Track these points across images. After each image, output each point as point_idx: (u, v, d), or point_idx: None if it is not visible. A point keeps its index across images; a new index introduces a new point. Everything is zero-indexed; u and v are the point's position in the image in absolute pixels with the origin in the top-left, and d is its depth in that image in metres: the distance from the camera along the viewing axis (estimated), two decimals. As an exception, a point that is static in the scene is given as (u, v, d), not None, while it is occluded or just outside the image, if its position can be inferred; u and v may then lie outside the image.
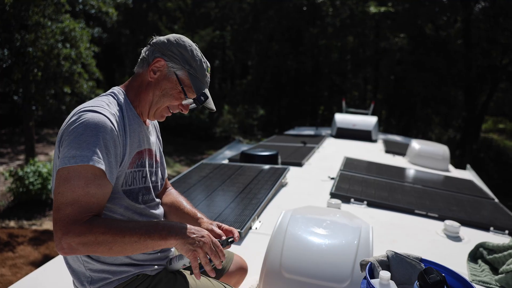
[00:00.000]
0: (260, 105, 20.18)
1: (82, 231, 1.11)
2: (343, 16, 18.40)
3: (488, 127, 21.95)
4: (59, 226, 1.11)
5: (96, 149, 1.17)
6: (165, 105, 1.41)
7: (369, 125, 6.94)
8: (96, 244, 1.12)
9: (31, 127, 8.79)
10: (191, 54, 1.39)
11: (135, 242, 1.16)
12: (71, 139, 1.18)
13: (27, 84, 8.20)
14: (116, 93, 1.39)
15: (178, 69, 1.37)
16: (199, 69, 1.40)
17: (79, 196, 1.15)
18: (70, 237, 1.10)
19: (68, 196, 1.14)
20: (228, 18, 20.75)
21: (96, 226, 1.13)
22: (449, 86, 17.32)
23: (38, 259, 6.04)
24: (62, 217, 1.12)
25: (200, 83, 1.39)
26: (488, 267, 2.19)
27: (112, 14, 9.64)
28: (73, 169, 1.15)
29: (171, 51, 1.37)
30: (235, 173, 3.65)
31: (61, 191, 1.15)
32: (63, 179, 1.16)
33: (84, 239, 1.11)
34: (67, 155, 1.16)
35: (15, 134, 13.23)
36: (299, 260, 1.61)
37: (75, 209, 1.14)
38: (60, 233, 1.11)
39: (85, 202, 1.15)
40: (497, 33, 14.89)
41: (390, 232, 2.68)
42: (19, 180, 7.70)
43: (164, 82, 1.37)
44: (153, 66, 1.37)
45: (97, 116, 1.21)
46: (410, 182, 4.06)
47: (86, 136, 1.17)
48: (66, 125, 1.23)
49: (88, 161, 1.15)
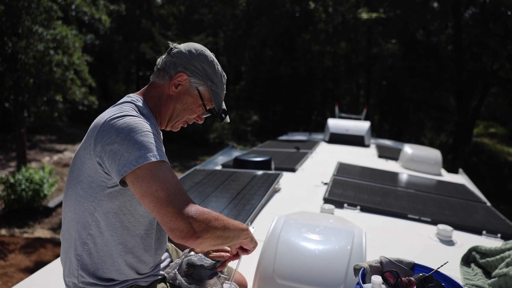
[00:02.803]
0: (254, 110, 20.22)
1: (205, 212, 1.16)
2: (336, 22, 18.56)
3: (479, 131, 22.14)
4: (186, 213, 1.12)
5: (153, 145, 1.19)
6: (184, 118, 1.43)
7: (362, 130, 6.97)
8: (217, 227, 1.18)
9: (23, 134, 8.72)
10: (213, 69, 1.39)
11: (235, 227, 1.28)
12: (125, 146, 1.16)
13: (19, 91, 8.15)
14: (136, 102, 1.35)
15: (200, 84, 1.38)
16: (220, 84, 1.42)
17: (177, 183, 1.17)
18: (199, 215, 1.14)
19: (169, 187, 1.14)
20: (221, 24, 20.82)
21: (207, 210, 1.18)
22: (440, 91, 17.50)
23: (30, 267, 5.97)
24: (182, 204, 1.13)
25: (220, 98, 1.42)
26: (481, 271, 2.20)
27: (105, 21, 9.63)
28: (151, 166, 1.15)
29: (194, 66, 1.37)
30: (228, 179, 3.64)
31: (158, 187, 1.13)
32: (151, 177, 1.14)
33: (208, 216, 1.16)
34: (133, 157, 1.15)
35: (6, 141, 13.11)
36: (292, 265, 1.60)
37: (183, 194, 1.16)
38: (190, 219, 1.11)
39: (182, 187, 1.18)
40: (487, 38, 15.09)
41: (383, 237, 2.68)
42: (11, 187, 7.62)
43: (185, 96, 1.38)
44: (175, 80, 1.36)
45: (134, 119, 1.22)
46: (403, 186, 4.07)
47: (138, 136, 1.18)
48: (103, 135, 1.20)
49: (156, 156, 1.17)
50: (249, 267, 1.75)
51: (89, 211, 1.27)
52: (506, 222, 3.25)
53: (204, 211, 1.16)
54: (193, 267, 1.46)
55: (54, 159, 11.87)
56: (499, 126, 22.51)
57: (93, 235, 1.29)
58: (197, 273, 1.45)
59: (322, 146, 6.49)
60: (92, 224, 1.28)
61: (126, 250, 1.31)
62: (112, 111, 1.27)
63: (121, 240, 1.30)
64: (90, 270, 1.30)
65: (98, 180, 1.24)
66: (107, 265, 1.30)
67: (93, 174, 1.24)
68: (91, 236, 1.29)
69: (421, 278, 1.22)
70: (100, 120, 1.25)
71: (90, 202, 1.26)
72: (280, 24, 18.63)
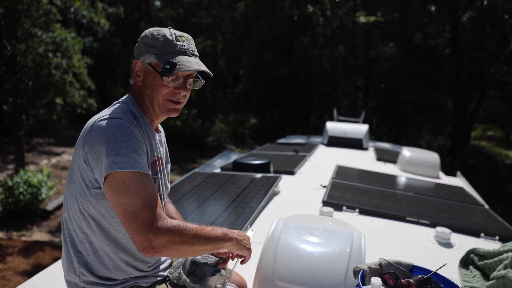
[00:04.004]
0: (252, 113, 20.22)
1: (169, 228, 1.18)
2: (334, 25, 18.61)
3: (477, 134, 22.20)
4: (146, 230, 1.15)
5: (134, 153, 1.20)
6: (160, 98, 1.36)
7: (360, 133, 6.98)
8: (182, 242, 1.20)
9: (21, 137, 8.70)
10: (152, 36, 1.34)
11: (208, 241, 1.26)
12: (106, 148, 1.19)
13: (17, 94, 8.14)
14: (127, 102, 1.39)
15: (147, 58, 1.34)
16: (166, 44, 1.33)
17: (146, 198, 1.18)
18: (161, 236, 1.16)
19: (137, 202, 1.17)
20: (220, 27, 20.85)
21: (179, 225, 1.20)
22: (438, 93, 17.54)
23: (28, 270, 5.95)
24: (145, 221, 1.16)
25: (169, 55, 1.32)
26: (479, 273, 2.21)
27: (104, 25, 9.64)
28: (126, 176, 1.18)
29: (138, 47, 1.37)
30: (227, 182, 3.65)
31: (128, 201, 1.17)
32: (122, 189, 1.18)
33: (173, 237, 1.17)
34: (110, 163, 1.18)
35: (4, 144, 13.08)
36: (292, 268, 1.61)
37: (150, 210, 1.17)
38: (150, 235, 1.15)
39: (153, 201, 1.19)
40: (485, 42, 15.15)
41: (382, 239, 2.69)
42: (9, 190, 7.60)
43: (147, 78, 1.36)
44: (135, 71, 1.38)
45: (122, 122, 1.24)
46: (401, 189, 4.08)
47: (120, 142, 1.20)
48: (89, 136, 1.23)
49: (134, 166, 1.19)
50: (249, 269, 1.76)
51: (81, 210, 1.30)
52: (504, 224, 3.27)
53: (169, 228, 1.18)
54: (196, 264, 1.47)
55: (52, 162, 11.85)
56: (497, 128, 22.58)
57: (87, 234, 1.31)
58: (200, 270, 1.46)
59: (321, 149, 6.50)
60: (84, 224, 1.30)
61: (119, 248, 1.33)
62: (103, 112, 1.31)
63: (113, 239, 1.32)
64: (90, 269, 1.31)
65: (87, 180, 1.27)
66: (105, 263, 1.32)
67: (83, 174, 1.27)
68: (85, 235, 1.31)
69: (420, 280, 1.23)
70: (90, 121, 1.28)
71: (81, 202, 1.29)
72: (278, 27, 18.67)
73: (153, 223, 1.16)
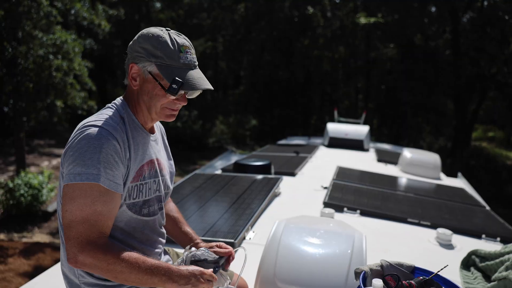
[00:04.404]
0: (253, 115, 20.24)
1: (97, 255, 1.16)
2: (334, 27, 18.63)
3: (478, 135, 22.19)
4: (74, 244, 1.16)
5: (100, 166, 1.19)
6: (159, 106, 1.34)
7: (361, 134, 6.98)
8: (105, 270, 1.18)
9: (21, 139, 8.71)
10: (153, 43, 1.28)
11: (138, 279, 1.21)
12: (75, 156, 1.19)
13: (18, 96, 8.15)
14: (118, 105, 1.37)
15: (148, 66, 1.29)
16: (168, 54, 1.28)
17: (88, 214, 1.18)
18: (84, 256, 1.16)
19: (77, 214, 1.17)
20: (220, 29, 20.89)
21: (110, 254, 1.17)
22: (438, 95, 17.55)
23: (29, 272, 5.94)
24: (76, 235, 1.17)
25: (173, 69, 1.28)
26: (480, 274, 2.20)
27: (104, 27, 9.66)
28: (78, 187, 1.18)
29: (136, 51, 1.31)
30: (228, 183, 3.64)
31: (69, 209, 1.18)
32: (69, 197, 1.19)
33: (97, 262, 1.16)
34: (73, 171, 1.18)
35: (5, 145, 13.09)
36: (293, 269, 1.61)
37: (86, 227, 1.18)
38: (75, 250, 1.16)
39: (94, 220, 1.19)
40: (485, 43, 15.16)
41: (383, 241, 2.69)
42: (9, 192, 7.60)
43: (145, 85, 1.32)
44: (130, 74, 1.33)
45: (100, 131, 1.22)
46: (402, 190, 4.08)
47: (91, 152, 1.19)
48: (71, 141, 1.24)
49: (94, 179, 1.18)
50: (250, 271, 1.76)
51: None
52: (505, 225, 3.26)
53: (96, 253, 1.16)
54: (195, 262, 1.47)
55: (53, 164, 11.85)
56: (498, 130, 22.57)
57: None
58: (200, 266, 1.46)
59: (322, 150, 6.50)
60: None
61: None
62: (91, 118, 1.30)
63: None
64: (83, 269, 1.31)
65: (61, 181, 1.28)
66: None
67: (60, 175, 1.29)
68: None
69: (422, 282, 1.23)
70: (78, 126, 1.29)
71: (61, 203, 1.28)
72: (278, 29, 18.70)
73: (83, 241, 1.17)
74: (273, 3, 18.33)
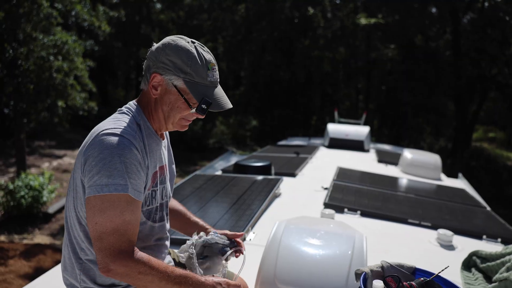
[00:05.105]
0: (253, 115, 20.24)
1: (128, 264, 1.17)
2: (334, 27, 18.64)
3: (478, 136, 22.18)
4: (106, 254, 1.17)
5: (126, 176, 1.19)
6: (177, 117, 1.35)
7: (362, 135, 6.97)
8: (136, 278, 1.19)
9: (22, 140, 8.71)
10: (183, 58, 1.28)
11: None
12: (100, 166, 1.18)
13: (19, 97, 8.16)
14: (134, 111, 1.36)
15: (174, 79, 1.29)
16: (197, 72, 1.29)
17: (118, 225, 1.18)
18: (118, 266, 1.17)
19: (108, 226, 1.18)
20: (220, 29, 20.90)
21: (142, 264, 1.19)
22: (439, 96, 17.54)
23: (29, 274, 5.94)
24: (108, 246, 1.18)
25: (201, 87, 1.30)
26: (481, 275, 2.20)
27: (105, 29, 9.68)
28: (107, 199, 1.18)
29: (162, 62, 1.29)
30: (228, 184, 3.64)
31: (99, 222, 1.18)
32: (98, 209, 1.18)
33: (129, 271, 1.17)
34: (99, 182, 1.18)
35: (6, 147, 13.10)
36: (293, 270, 1.60)
37: (116, 238, 1.18)
38: (108, 260, 1.17)
39: (124, 230, 1.19)
40: (486, 44, 15.15)
41: (384, 242, 2.68)
42: (10, 193, 7.60)
43: (167, 96, 1.32)
44: (152, 83, 1.32)
45: (122, 141, 1.22)
46: (403, 191, 4.08)
47: (115, 162, 1.18)
48: (92, 149, 1.22)
49: (122, 189, 1.18)
50: (251, 272, 1.76)
51: (79, 219, 1.30)
52: (506, 226, 3.26)
53: (128, 262, 1.18)
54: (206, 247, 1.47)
55: (53, 165, 11.86)
56: (498, 130, 22.56)
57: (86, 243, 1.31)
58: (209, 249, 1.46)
59: (322, 151, 6.49)
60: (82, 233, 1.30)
61: None
62: (108, 123, 1.28)
63: None
64: (91, 276, 1.31)
65: (79, 188, 1.26)
66: None
67: (78, 182, 1.27)
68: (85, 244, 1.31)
69: (423, 283, 1.23)
70: (95, 130, 1.27)
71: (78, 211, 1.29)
72: (279, 29, 18.71)
73: (115, 251, 1.17)
74: (273, 4, 18.33)
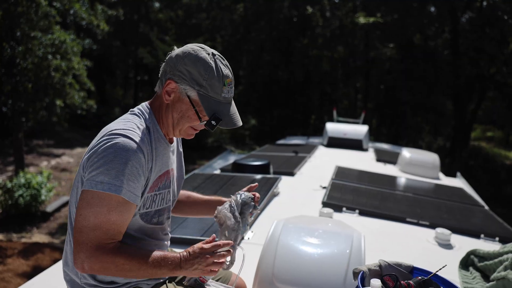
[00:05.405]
0: (252, 115, 20.24)
1: (105, 259, 1.17)
2: (333, 26, 18.63)
3: (477, 135, 22.23)
4: (82, 249, 1.16)
5: (124, 178, 1.19)
6: (186, 126, 1.36)
7: (360, 134, 6.97)
8: (114, 271, 1.19)
9: (20, 139, 8.70)
10: (200, 70, 1.27)
11: (148, 274, 1.22)
12: (100, 163, 1.19)
13: (17, 96, 8.14)
14: (145, 113, 1.37)
15: (188, 90, 1.29)
16: (212, 86, 1.28)
17: (101, 222, 1.18)
18: (93, 262, 1.16)
19: (91, 220, 1.17)
20: (219, 29, 20.89)
21: (119, 256, 1.18)
22: (437, 95, 17.56)
23: (27, 272, 5.94)
24: (86, 241, 1.17)
25: (213, 102, 1.29)
26: (479, 274, 2.20)
27: (103, 28, 9.66)
28: (98, 195, 1.18)
29: (179, 70, 1.28)
30: (227, 183, 3.64)
31: (83, 214, 1.18)
32: (86, 202, 1.19)
33: (106, 265, 1.17)
34: (95, 179, 1.18)
35: (4, 146, 13.08)
36: (291, 269, 1.61)
37: (97, 234, 1.17)
38: (83, 255, 1.16)
39: (107, 228, 1.19)
40: (484, 43, 15.17)
41: (382, 241, 2.69)
42: (8, 192, 7.59)
43: (179, 104, 1.32)
44: (166, 88, 1.31)
45: (128, 143, 1.22)
46: (401, 190, 4.08)
47: (116, 163, 1.18)
48: (97, 146, 1.23)
49: (116, 190, 1.18)
50: (249, 271, 1.76)
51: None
52: (503, 225, 3.27)
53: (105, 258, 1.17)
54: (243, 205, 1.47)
55: (52, 164, 11.84)
56: (497, 130, 22.61)
57: None
58: (244, 207, 1.47)
59: (321, 150, 6.49)
60: None
61: None
62: (119, 124, 1.29)
63: None
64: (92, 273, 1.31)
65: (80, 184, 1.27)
66: None
67: (79, 178, 1.28)
68: None
69: (420, 282, 1.23)
70: (105, 130, 1.28)
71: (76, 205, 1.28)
72: (277, 28, 18.70)
73: (92, 247, 1.16)
74: (272, 3, 18.32)
